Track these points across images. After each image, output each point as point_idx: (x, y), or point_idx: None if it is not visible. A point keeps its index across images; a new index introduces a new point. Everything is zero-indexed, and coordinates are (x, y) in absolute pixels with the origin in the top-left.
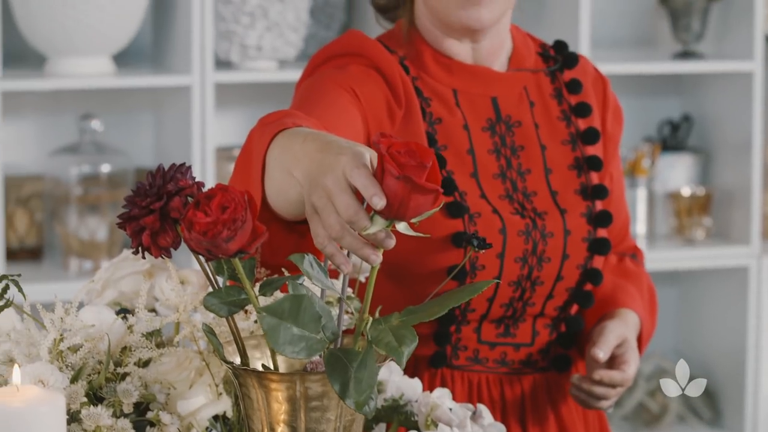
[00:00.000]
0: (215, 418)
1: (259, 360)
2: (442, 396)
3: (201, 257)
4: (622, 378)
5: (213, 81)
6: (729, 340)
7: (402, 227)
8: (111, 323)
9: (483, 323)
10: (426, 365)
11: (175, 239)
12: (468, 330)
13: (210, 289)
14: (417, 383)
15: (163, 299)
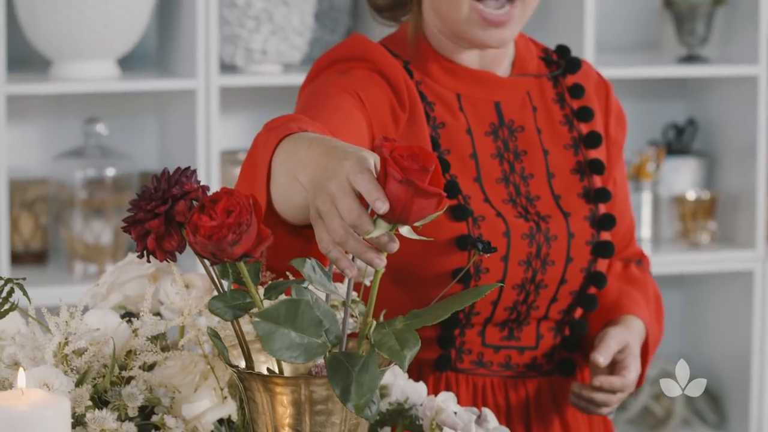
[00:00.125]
0: (220, 421)
1: (264, 364)
2: (446, 400)
3: (206, 261)
4: (622, 384)
5: (218, 85)
6: (734, 343)
7: (405, 231)
8: (116, 327)
9: (487, 326)
10: (430, 368)
11: (180, 243)
12: (472, 333)
13: (215, 293)
14: (422, 387)
15: (168, 303)
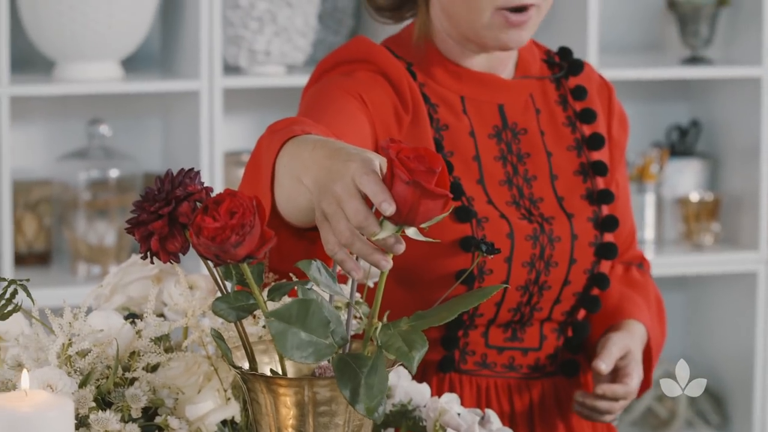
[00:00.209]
0: (223, 423)
1: (268, 365)
2: (450, 401)
3: (209, 262)
4: (624, 391)
5: (221, 86)
6: (737, 345)
7: (411, 232)
8: (119, 328)
9: (491, 328)
10: (434, 370)
11: (184, 244)
12: (476, 334)
13: (218, 294)
14: (425, 388)
15: (172, 304)
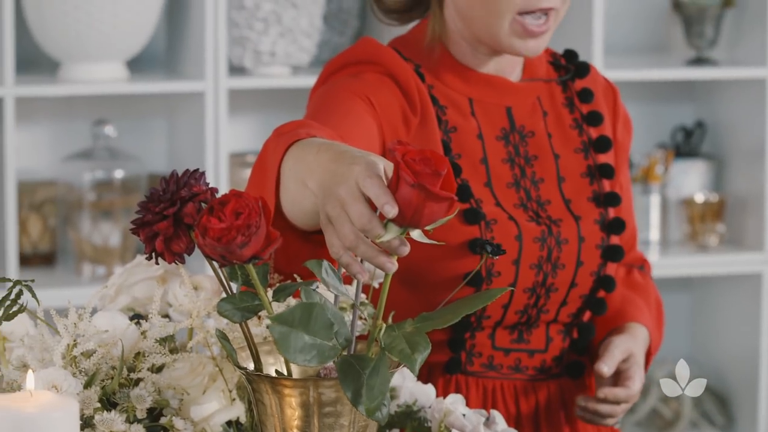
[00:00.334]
0: (228, 423)
1: (273, 366)
2: (455, 402)
3: (214, 263)
4: (626, 395)
5: (226, 87)
6: (742, 346)
7: (416, 235)
8: (124, 329)
9: (497, 329)
10: (441, 371)
11: (189, 245)
12: (482, 336)
13: (223, 295)
14: (430, 389)
15: (177, 305)
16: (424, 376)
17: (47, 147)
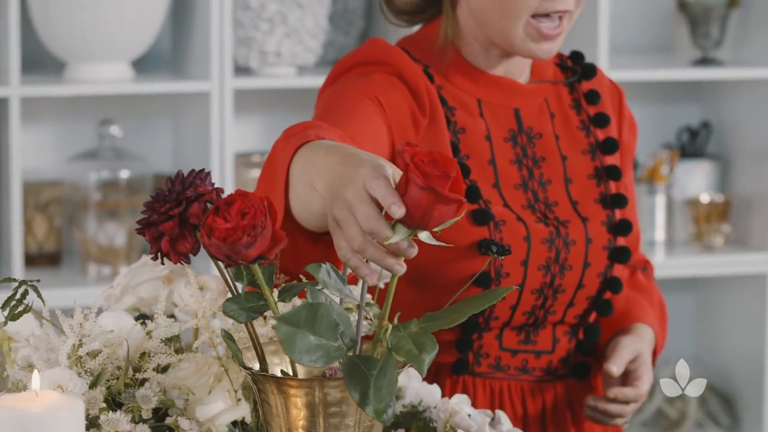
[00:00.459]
0: (234, 423)
1: (278, 366)
2: (460, 402)
3: (220, 263)
4: (635, 394)
5: (232, 87)
6: (747, 346)
7: (424, 236)
8: (130, 329)
9: (504, 330)
10: (448, 372)
11: (194, 245)
12: (490, 337)
13: (229, 295)
14: (435, 389)
15: (182, 305)
16: (431, 376)
17: (53, 147)
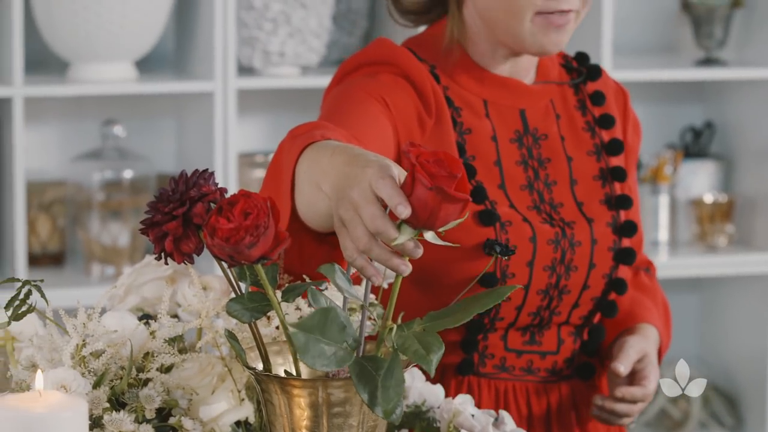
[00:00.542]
0: (237, 423)
1: (282, 366)
2: (464, 402)
3: (223, 263)
4: (643, 394)
5: (235, 87)
6: (751, 347)
7: (429, 236)
8: (133, 329)
9: (509, 331)
10: (453, 373)
11: (198, 245)
12: (495, 338)
13: (232, 295)
14: (439, 389)
15: (186, 305)
16: (436, 377)
17: (56, 147)
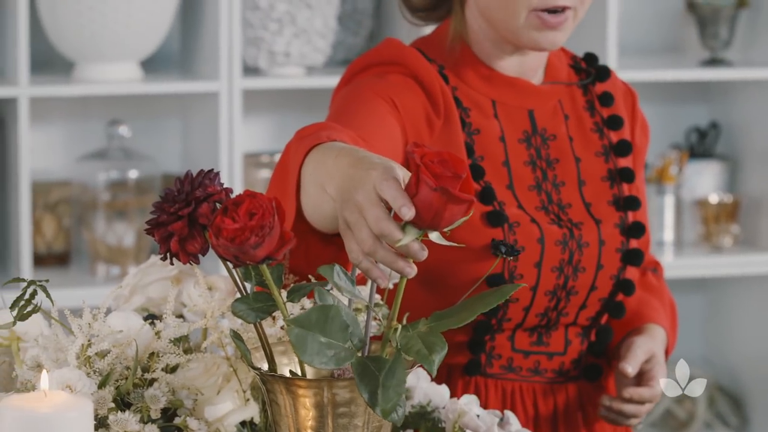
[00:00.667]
0: (242, 424)
1: (287, 366)
2: (469, 402)
3: (229, 263)
4: (651, 394)
5: (241, 87)
6: (756, 347)
7: (435, 237)
8: (139, 329)
9: (517, 331)
10: (460, 373)
11: (203, 245)
12: (502, 338)
13: (238, 295)
14: (444, 390)
15: (191, 305)
16: (443, 377)
17: (62, 147)
